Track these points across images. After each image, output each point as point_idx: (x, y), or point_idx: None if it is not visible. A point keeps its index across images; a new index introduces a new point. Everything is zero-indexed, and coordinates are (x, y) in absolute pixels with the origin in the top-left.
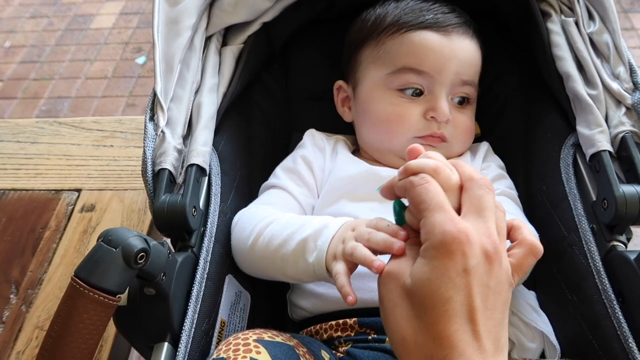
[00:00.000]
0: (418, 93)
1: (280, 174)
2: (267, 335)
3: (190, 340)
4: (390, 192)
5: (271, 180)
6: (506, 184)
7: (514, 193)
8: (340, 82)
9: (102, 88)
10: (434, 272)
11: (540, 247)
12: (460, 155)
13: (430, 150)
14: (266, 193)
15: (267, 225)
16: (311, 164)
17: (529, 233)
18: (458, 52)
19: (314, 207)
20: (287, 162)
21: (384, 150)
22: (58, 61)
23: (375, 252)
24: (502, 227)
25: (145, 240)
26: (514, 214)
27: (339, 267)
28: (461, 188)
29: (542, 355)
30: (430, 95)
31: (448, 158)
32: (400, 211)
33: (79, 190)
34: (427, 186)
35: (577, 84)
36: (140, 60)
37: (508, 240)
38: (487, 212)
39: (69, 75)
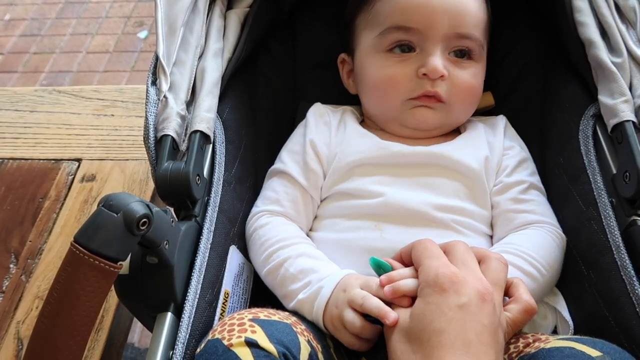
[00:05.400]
0: (408, 50)
1: (286, 158)
2: (263, 314)
3: (194, 310)
4: (399, 258)
5: (278, 165)
6: (530, 170)
7: (537, 179)
8: (343, 55)
9: (103, 62)
10: (428, 307)
11: (534, 307)
12: (462, 121)
13: (428, 111)
14: (273, 182)
15: (280, 264)
16: (317, 149)
17: (526, 291)
18: (450, 3)
19: (322, 187)
20: (294, 144)
21: (383, 118)
22: (59, 35)
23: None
24: (500, 278)
25: (148, 206)
26: (543, 202)
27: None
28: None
29: (555, 331)
30: (422, 52)
31: (448, 123)
32: (378, 270)
33: (79, 160)
34: (431, 244)
35: (601, 51)
36: (142, 34)
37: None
38: (470, 263)
39: (70, 49)
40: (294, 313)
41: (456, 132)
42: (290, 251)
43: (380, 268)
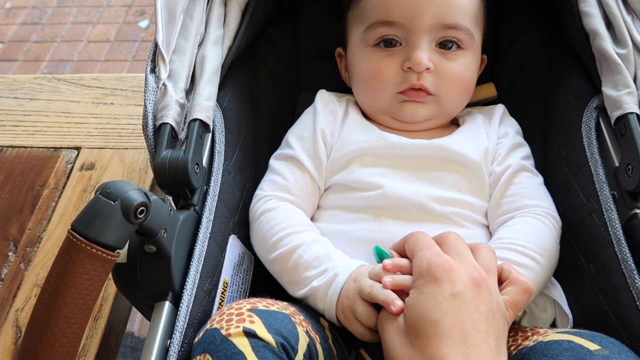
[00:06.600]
0: (394, 44)
1: (295, 144)
2: (262, 304)
3: (192, 300)
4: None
5: (286, 150)
6: (522, 154)
7: (530, 163)
8: (339, 49)
9: (104, 52)
10: (422, 297)
11: (531, 286)
12: (457, 112)
13: (417, 106)
14: (281, 167)
15: (292, 250)
16: (327, 138)
17: (519, 273)
18: None
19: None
20: (302, 130)
21: (373, 111)
22: (60, 23)
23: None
24: (491, 265)
25: (146, 194)
26: (532, 185)
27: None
28: None
29: (553, 324)
30: (408, 46)
31: (441, 115)
32: (380, 259)
33: (78, 149)
34: (423, 235)
35: (605, 42)
36: (144, 24)
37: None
38: (463, 251)
39: (71, 38)
40: (293, 303)
41: (455, 125)
42: (303, 237)
43: (382, 258)
